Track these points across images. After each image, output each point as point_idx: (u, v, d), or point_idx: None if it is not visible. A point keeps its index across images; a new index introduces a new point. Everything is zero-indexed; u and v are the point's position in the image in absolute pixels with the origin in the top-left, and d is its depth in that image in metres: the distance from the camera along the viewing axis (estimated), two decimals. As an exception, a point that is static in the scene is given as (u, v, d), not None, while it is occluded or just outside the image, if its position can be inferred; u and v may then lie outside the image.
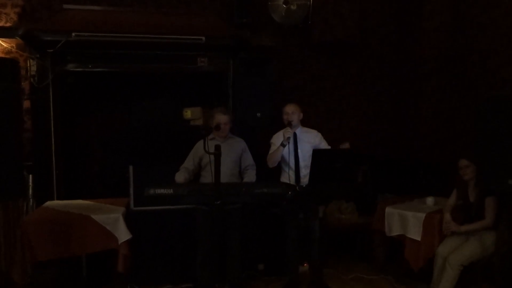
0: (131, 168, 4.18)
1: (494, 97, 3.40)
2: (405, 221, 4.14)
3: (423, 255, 3.99)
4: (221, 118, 3.87)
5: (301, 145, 4.05)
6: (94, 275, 4.20)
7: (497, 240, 3.67)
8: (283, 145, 3.89)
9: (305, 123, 4.20)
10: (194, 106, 5.23)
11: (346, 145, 3.91)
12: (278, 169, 4.13)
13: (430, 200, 4.38)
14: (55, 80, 4.64)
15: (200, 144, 3.91)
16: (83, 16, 4.56)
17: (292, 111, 4.04)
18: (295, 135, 4.04)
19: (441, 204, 4.20)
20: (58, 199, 4.60)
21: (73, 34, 4.25)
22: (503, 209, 3.67)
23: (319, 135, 4.18)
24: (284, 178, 4.08)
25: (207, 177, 3.82)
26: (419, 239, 4.00)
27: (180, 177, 3.86)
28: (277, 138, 4.07)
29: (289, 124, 3.98)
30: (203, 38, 4.49)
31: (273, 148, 4.08)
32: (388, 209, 4.32)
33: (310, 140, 4.10)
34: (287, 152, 3.97)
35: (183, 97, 5.29)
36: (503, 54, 4.46)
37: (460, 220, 3.88)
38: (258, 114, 4.61)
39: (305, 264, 4.46)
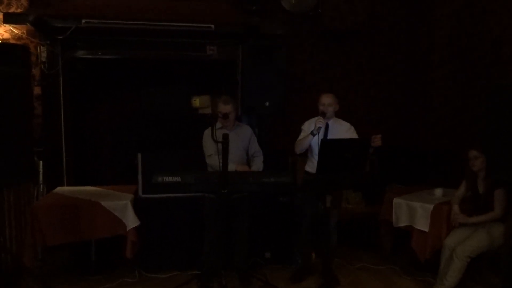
0: (139, 155, 4.20)
1: (505, 86, 3.31)
2: (413, 212, 4.12)
3: (430, 246, 3.97)
4: (224, 107, 3.83)
5: (331, 136, 3.95)
6: (103, 260, 4.27)
7: (505, 232, 3.65)
8: (313, 134, 3.79)
9: (312, 111, 4.15)
10: (203, 94, 5.24)
11: (377, 138, 3.69)
12: (285, 159, 4.11)
13: (438, 191, 4.36)
14: (65, 66, 4.68)
15: (208, 132, 3.91)
16: (93, 2, 4.56)
17: (328, 103, 3.93)
18: (327, 125, 3.97)
19: (449, 196, 4.17)
20: (68, 185, 4.67)
21: (83, 21, 4.26)
22: (512, 201, 3.64)
23: (352, 128, 4.04)
24: (309, 167, 4.02)
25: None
26: (426, 230, 3.99)
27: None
28: (309, 125, 3.99)
29: (323, 115, 3.88)
30: (212, 26, 4.47)
31: (302, 134, 4.00)
32: (396, 200, 4.31)
33: (341, 133, 3.98)
34: (316, 141, 3.82)
35: (192, 85, 5.29)
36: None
37: (469, 212, 3.86)
38: (267, 103, 4.59)
39: (312, 253, 4.47)
